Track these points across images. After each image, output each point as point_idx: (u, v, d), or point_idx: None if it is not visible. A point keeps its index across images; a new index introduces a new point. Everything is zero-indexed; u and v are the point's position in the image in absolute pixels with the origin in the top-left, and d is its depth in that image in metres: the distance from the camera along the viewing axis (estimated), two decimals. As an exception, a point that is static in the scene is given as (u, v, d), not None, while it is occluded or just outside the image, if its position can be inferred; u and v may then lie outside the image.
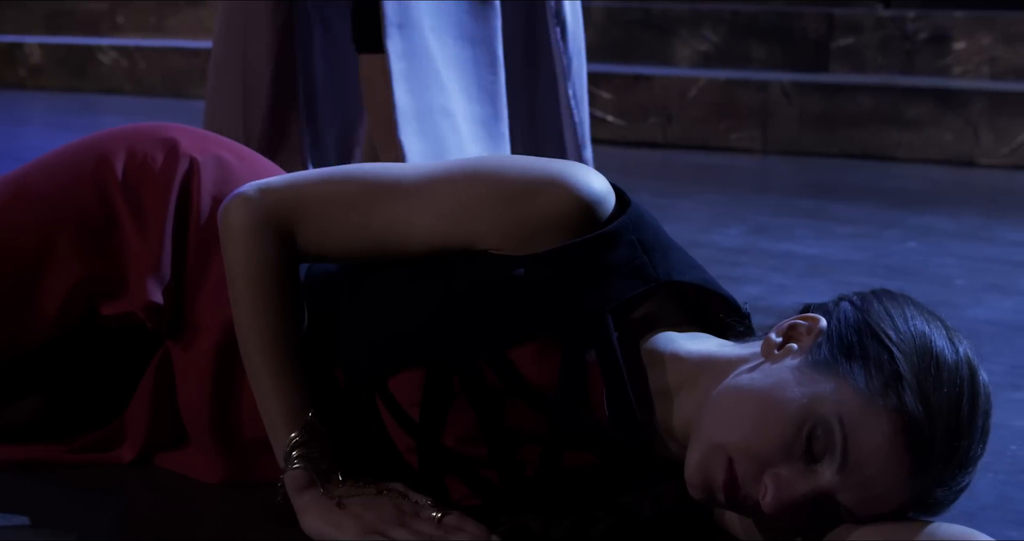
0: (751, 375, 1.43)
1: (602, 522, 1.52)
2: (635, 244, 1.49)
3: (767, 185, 4.91)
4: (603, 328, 1.46)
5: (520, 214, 1.47)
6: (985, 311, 2.84)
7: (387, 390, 1.50)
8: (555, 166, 1.50)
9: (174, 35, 7.84)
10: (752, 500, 1.39)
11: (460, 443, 1.49)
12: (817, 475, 1.37)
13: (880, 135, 5.45)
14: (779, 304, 2.65)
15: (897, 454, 1.36)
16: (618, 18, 6.48)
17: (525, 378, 1.47)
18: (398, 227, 1.52)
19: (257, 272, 1.52)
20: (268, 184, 1.55)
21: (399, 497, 1.48)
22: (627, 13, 6.41)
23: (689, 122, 5.63)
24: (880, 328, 1.41)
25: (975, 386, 1.40)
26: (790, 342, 1.44)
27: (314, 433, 1.49)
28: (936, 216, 4.08)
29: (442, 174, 1.53)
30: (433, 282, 1.51)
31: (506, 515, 1.51)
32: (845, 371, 1.38)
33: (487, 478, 1.51)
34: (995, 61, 5.94)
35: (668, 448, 1.50)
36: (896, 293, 1.48)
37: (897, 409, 1.36)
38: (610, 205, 1.49)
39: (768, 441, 1.37)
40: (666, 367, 1.49)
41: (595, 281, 1.47)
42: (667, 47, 6.32)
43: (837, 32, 6.16)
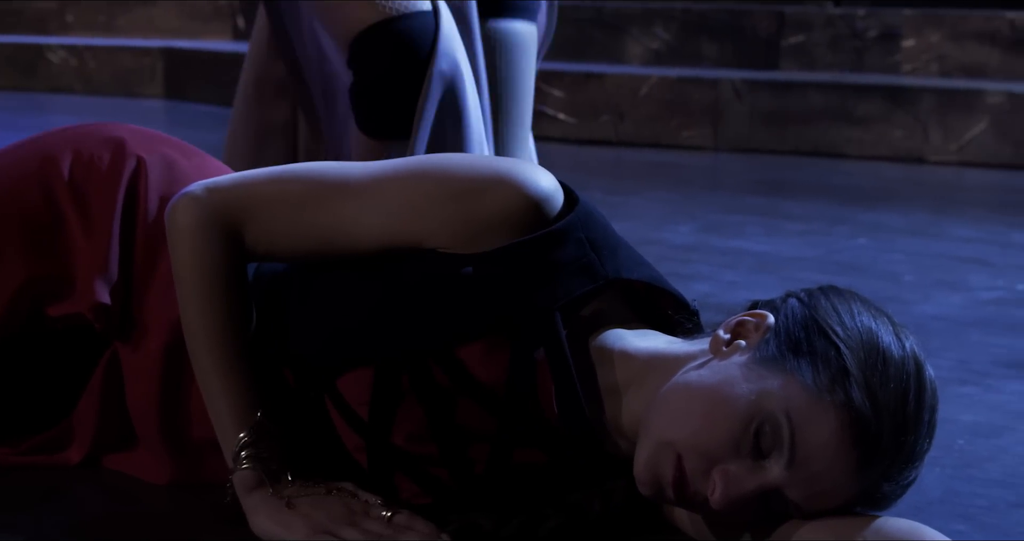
0: (699, 372, 1.43)
1: (552, 520, 1.53)
2: (583, 242, 1.49)
3: (718, 182, 4.93)
4: (552, 326, 1.46)
5: (468, 212, 1.47)
6: (933, 307, 2.86)
7: (336, 389, 1.50)
8: (503, 164, 1.50)
9: (124, 34, 7.80)
10: (701, 496, 1.40)
11: (409, 442, 1.49)
12: (765, 471, 1.38)
13: (830, 132, 5.48)
14: (729, 301, 2.66)
15: (844, 449, 1.37)
16: (569, 16, 6.47)
17: (474, 376, 1.47)
18: (346, 226, 1.51)
19: (204, 272, 1.51)
20: (215, 183, 1.55)
21: (349, 496, 1.48)
22: (579, 11, 6.42)
23: (641, 120, 5.64)
24: (827, 324, 1.41)
25: (921, 381, 1.41)
26: (738, 339, 1.45)
27: (263, 433, 1.49)
28: (886, 213, 4.11)
29: (390, 173, 1.52)
30: (381, 281, 1.51)
31: (456, 513, 1.51)
32: (792, 367, 1.39)
33: (437, 477, 1.50)
34: (944, 59, 5.98)
35: (617, 445, 1.51)
36: (843, 289, 1.49)
37: (844, 405, 1.37)
38: (558, 203, 1.49)
39: (716, 437, 1.38)
40: (615, 365, 1.50)
41: (544, 279, 1.47)
42: (619, 45, 6.33)
43: (787, 30, 6.19)
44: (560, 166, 4.91)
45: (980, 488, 1.79)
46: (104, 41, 7.41)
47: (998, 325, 2.71)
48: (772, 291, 1.53)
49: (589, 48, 6.31)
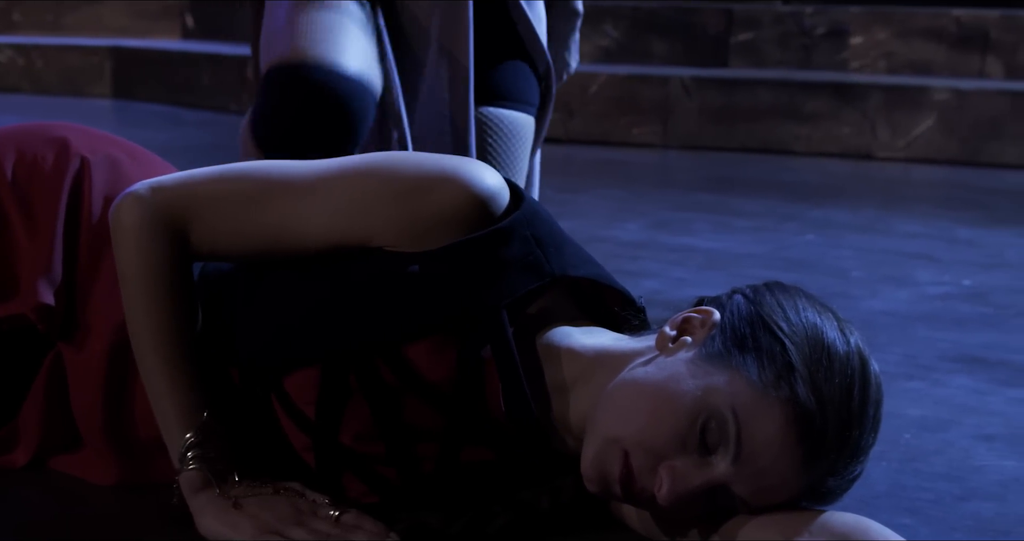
0: (645, 368, 1.44)
1: (500, 517, 1.53)
2: (529, 239, 1.49)
3: (667, 180, 4.95)
4: (498, 324, 1.46)
5: (414, 210, 1.47)
6: (880, 302, 2.88)
7: (282, 389, 1.49)
8: (449, 162, 1.50)
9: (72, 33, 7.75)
10: (648, 493, 1.40)
11: (357, 441, 1.49)
12: (711, 467, 1.39)
13: (779, 129, 5.51)
14: (678, 298, 2.66)
15: (790, 445, 1.37)
16: (519, 14, 6.48)
17: (421, 375, 1.46)
18: (292, 225, 1.51)
19: (149, 272, 1.50)
20: (160, 183, 1.54)
21: (296, 496, 1.47)
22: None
23: (590, 117, 5.66)
24: (772, 320, 1.42)
25: (866, 376, 1.41)
26: (684, 335, 1.46)
27: (209, 433, 1.48)
28: (834, 209, 4.13)
29: (336, 171, 1.52)
30: (328, 280, 1.50)
31: (404, 512, 1.50)
32: (738, 363, 1.40)
33: (385, 475, 1.50)
34: (891, 56, 6.02)
35: (565, 442, 1.51)
36: (788, 285, 1.50)
37: (789, 400, 1.37)
38: (504, 201, 1.49)
39: (662, 434, 1.38)
40: (562, 362, 1.50)
41: (490, 277, 1.47)
42: (568, 43, 6.34)
43: (736, 27, 6.22)
44: (510, 164, 4.90)
45: (926, 482, 1.80)
46: (52, 40, 7.36)
47: (944, 320, 2.73)
48: (721, 288, 1.54)
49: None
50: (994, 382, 2.29)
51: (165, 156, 1.88)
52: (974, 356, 2.46)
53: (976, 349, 2.51)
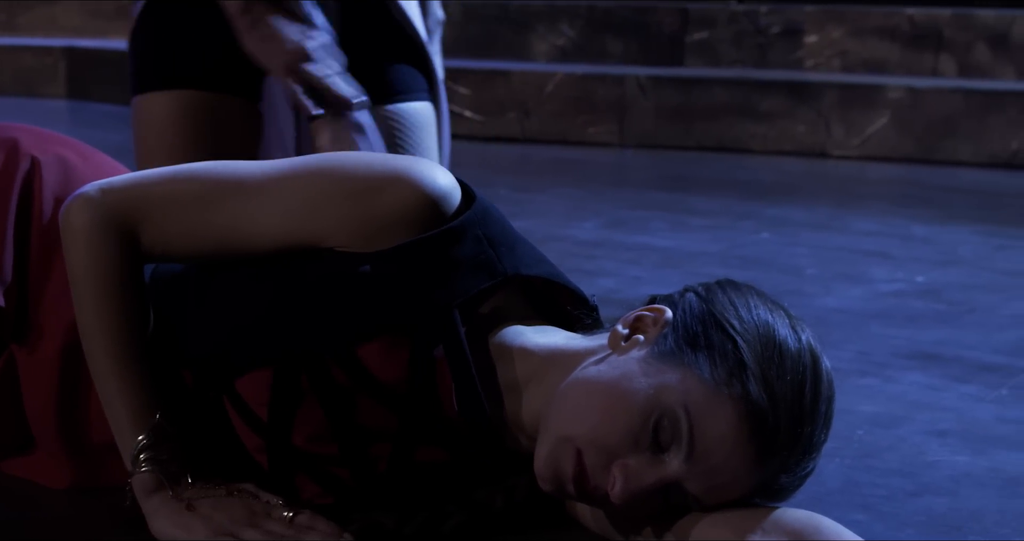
0: (598, 367, 1.44)
1: (455, 517, 1.53)
2: (481, 239, 1.49)
3: (624, 178, 4.95)
4: (451, 323, 1.46)
5: (365, 211, 1.47)
6: (835, 300, 2.89)
7: (235, 390, 1.49)
8: (400, 162, 1.49)
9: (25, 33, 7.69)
10: (601, 491, 1.41)
11: (310, 442, 1.49)
12: (664, 465, 1.39)
13: (734, 128, 5.52)
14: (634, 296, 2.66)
15: (742, 442, 1.38)
16: (475, 14, 6.48)
17: (374, 375, 1.46)
18: (243, 225, 1.50)
19: (100, 273, 1.49)
20: (110, 183, 1.53)
21: (250, 497, 1.47)
22: (484, 8, 6.42)
23: (546, 117, 5.66)
24: (724, 318, 1.42)
25: (817, 373, 1.42)
26: (636, 334, 1.46)
27: (162, 435, 1.47)
28: (789, 207, 4.15)
29: (287, 171, 1.52)
30: (280, 281, 1.50)
31: (358, 513, 1.50)
32: (690, 361, 1.40)
33: (338, 476, 1.50)
34: (846, 54, 6.05)
35: (519, 442, 1.51)
36: (740, 283, 1.50)
37: (741, 398, 1.38)
38: (455, 200, 1.49)
39: (615, 432, 1.39)
40: (515, 361, 1.50)
41: (442, 277, 1.47)
42: (524, 42, 6.35)
43: (691, 27, 6.23)
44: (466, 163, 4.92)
45: (879, 478, 1.81)
46: (5, 40, 7.31)
47: (898, 317, 2.75)
48: (676, 286, 1.54)
49: (495, 45, 6.31)
50: (947, 378, 2.31)
51: (120, 157, 1.88)
52: (927, 352, 2.47)
53: (929, 346, 2.52)
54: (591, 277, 2.96)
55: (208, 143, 2.43)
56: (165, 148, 2.45)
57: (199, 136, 2.44)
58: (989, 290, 3.04)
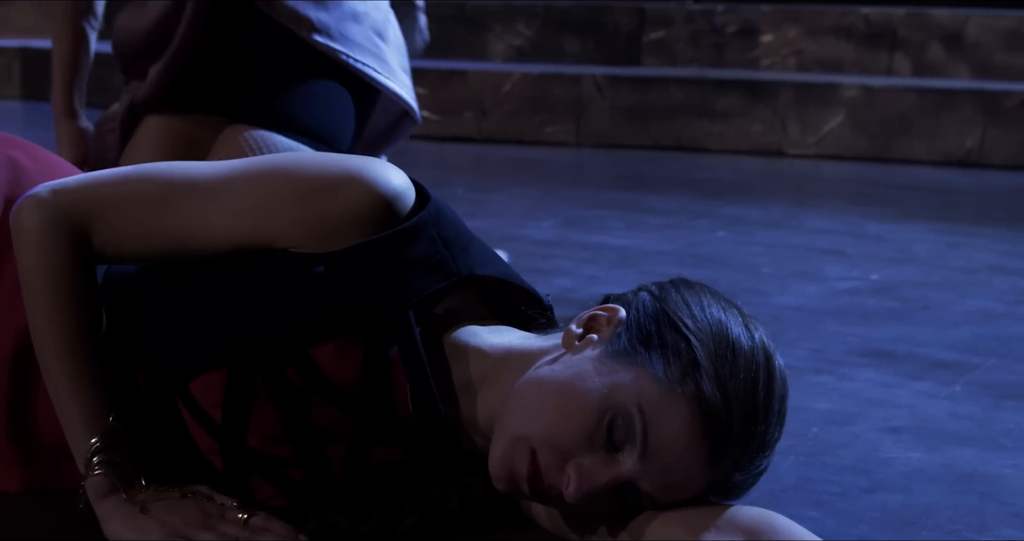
0: (552, 367, 1.44)
1: (410, 517, 1.53)
2: (435, 239, 1.49)
3: (581, 178, 4.96)
4: (405, 324, 1.46)
5: (319, 211, 1.46)
6: (790, 298, 2.90)
7: (188, 392, 1.48)
8: (354, 162, 1.49)
9: (-22, 34, 7.64)
10: (556, 491, 1.41)
11: (264, 443, 1.48)
12: (618, 464, 1.39)
13: (691, 127, 5.54)
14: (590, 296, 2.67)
15: (696, 440, 1.38)
16: (432, 14, 6.46)
17: (328, 376, 1.46)
18: (196, 226, 1.50)
19: (52, 275, 1.48)
20: (62, 185, 1.52)
21: (204, 499, 1.46)
22: (441, 8, 6.41)
23: (503, 116, 5.66)
24: (677, 317, 1.43)
25: (771, 371, 1.43)
26: (590, 333, 1.46)
27: (115, 438, 1.47)
28: (745, 206, 4.16)
29: (241, 172, 1.51)
30: (233, 282, 1.49)
31: (313, 513, 1.50)
32: (644, 360, 1.40)
33: (293, 477, 1.50)
34: (801, 53, 6.08)
35: (473, 441, 1.51)
36: (694, 282, 1.51)
37: (695, 396, 1.38)
38: (410, 200, 1.49)
39: (569, 432, 1.39)
40: (469, 361, 1.50)
41: (396, 277, 1.47)
42: (481, 42, 6.35)
43: (648, 26, 6.25)
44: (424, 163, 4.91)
45: (833, 474, 1.82)
46: (-42, 41, 7.25)
47: (853, 315, 2.76)
48: (633, 285, 1.55)
49: (452, 45, 6.31)
50: (901, 375, 2.32)
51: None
52: (881, 350, 2.49)
53: (883, 343, 2.54)
54: (547, 276, 2.96)
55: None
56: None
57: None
58: (943, 288, 3.06)
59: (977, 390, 2.25)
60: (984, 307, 2.88)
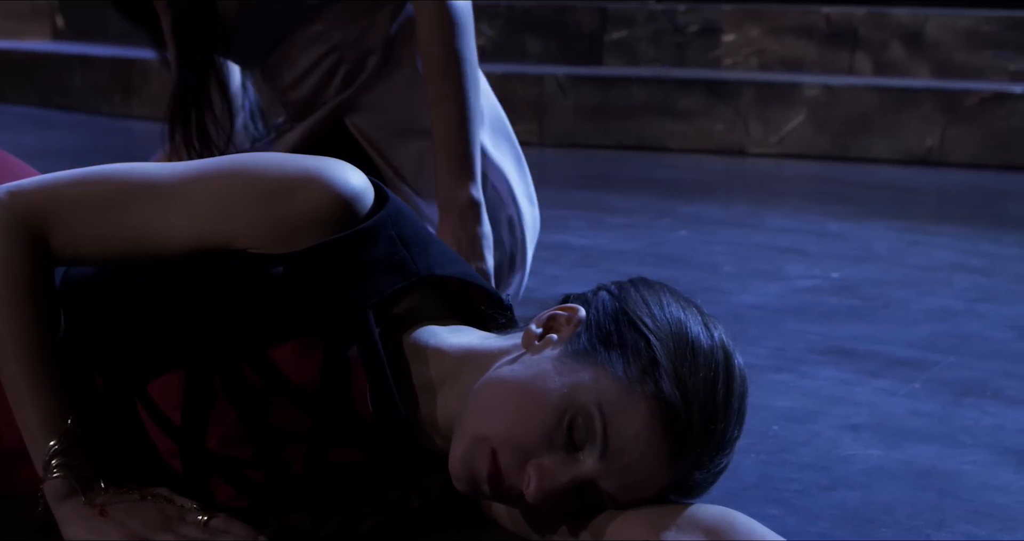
0: (512, 367, 1.44)
1: (370, 518, 1.53)
2: (394, 239, 1.49)
3: (544, 177, 4.95)
4: (364, 324, 1.46)
5: (277, 212, 1.46)
6: (751, 296, 2.91)
7: (147, 394, 1.48)
8: (312, 163, 1.49)
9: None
10: (516, 491, 1.41)
11: (224, 444, 1.48)
12: (579, 463, 1.39)
13: (653, 126, 5.55)
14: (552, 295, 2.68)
15: (655, 439, 1.38)
16: (395, 13, 6.47)
17: (287, 376, 1.46)
18: (154, 227, 1.49)
19: (9, 277, 1.47)
20: (19, 186, 1.51)
21: (164, 502, 1.46)
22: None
23: (467, 116, 5.65)
24: (637, 316, 1.43)
25: (730, 370, 1.43)
26: (550, 333, 1.46)
27: (74, 440, 1.46)
28: (707, 205, 4.18)
29: (198, 173, 1.51)
30: (192, 283, 1.49)
31: (273, 515, 1.50)
32: (603, 360, 1.41)
33: (253, 479, 1.49)
34: (763, 53, 6.10)
35: (434, 442, 1.51)
36: (653, 281, 1.51)
37: (655, 395, 1.38)
38: (368, 201, 1.49)
39: (530, 431, 1.39)
40: (429, 361, 1.50)
41: (355, 277, 1.47)
42: (444, 42, 6.34)
43: (610, 26, 6.26)
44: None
45: (793, 472, 1.83)
46: (-84, 42, 7.21)
47: (813, 313, 2.77)
48: (594, 285, 1.55)
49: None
50: (861, 373, 2.33)
51: (35, 159, 1.86)
52: (842, 348, 2.50)
53: (844, 341, 2.55)
54: (510, 276, 2.96)
55: None
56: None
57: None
58: (903, 285, 3.07)
59: (936, 387, 2.27)
60: (944, 305, 2.90)
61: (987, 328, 2.71)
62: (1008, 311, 2.87)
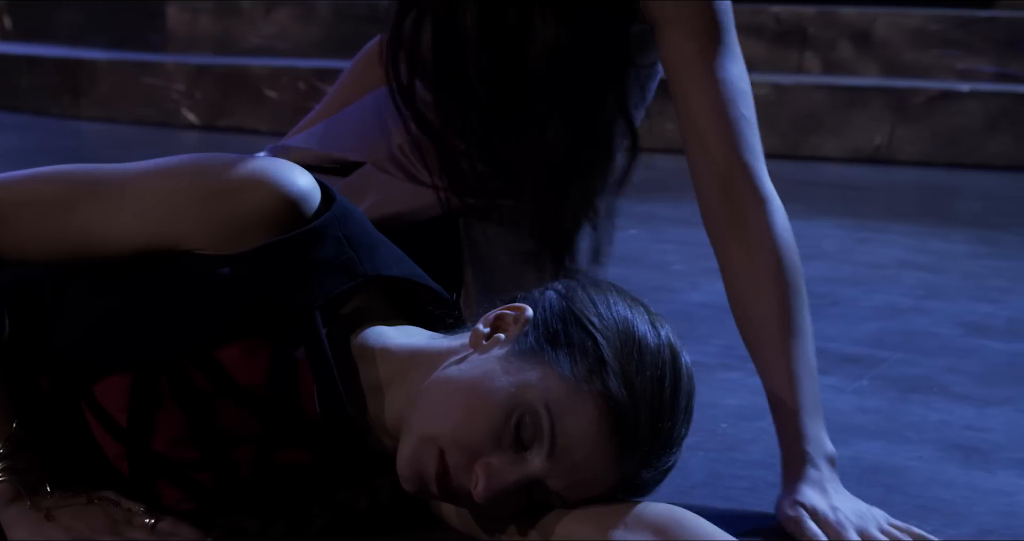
0: (459, 366, 1.44)
1: (319, 519, 1.52)
2: (342, 240, 1.49)
3: (495, 177, 4.95)
4: (311, 325, 1.45)
5: (224, 212, 1.45)
6: (701, 294, 2.92)
7: (93, 396, 1.47)
8: (259, 164, 1.48)
9: None
10: (464, 490, 1.41)
11: (171, 446, 1.47)
12: (527, 463, 1.40)
13: (604, 126, 5.56)
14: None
15: (603, 438, 1.39)
16: (346, 13, 6.46)
17: (234, 378, 1.45)
18: (99, 228, 1.48)
19: (-48, 280, 1.47)
20: (-38, 188, 1.50)
21: (110, 505, 1.45)
22: (354, 8, 6.40)
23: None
24: (584, 315, 1.44)
25: (677, 368, 1.44)
26: (497, 332, 1.46)
27: (19, 444, 1.45)
28: (658, 204, 4.19)
29: (143, 174, 1.50)
30: (137, 284, 1.48)
31: (221, 517, 1.49)
32: (551, 359, 1.41)
33: (200, 481, 1.49)
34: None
35: (382, 442, 1.51)
36: (600, 280, 1.52)
37: (602, 394, 1.39)
38: (315, 201, 1.48)
39: (477, 431, 1.39)
40: (376, 362, 1.50)
41: (302, 278, 1.46)
42: (394, 42, 6.33)
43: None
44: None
45: (742, 470, 1.84)
46: None
47: (762, 311, 2.78)
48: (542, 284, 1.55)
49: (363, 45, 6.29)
50: (809, 370, 2.34)
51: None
52: (790, 345, 2.50)
53: (792, 338, 2.55)
54: (460, 276, 2.95)
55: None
56: None
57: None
58: (851, 283, 3.09)
59: (884, 384, 2.28)
60: (891, 302, 2.92)
61: (934, 325, 2.73)
62: (955, 308, 2.89)
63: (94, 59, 6.52)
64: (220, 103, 6.16)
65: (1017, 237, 3.82)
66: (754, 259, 1.86)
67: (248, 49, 6.72)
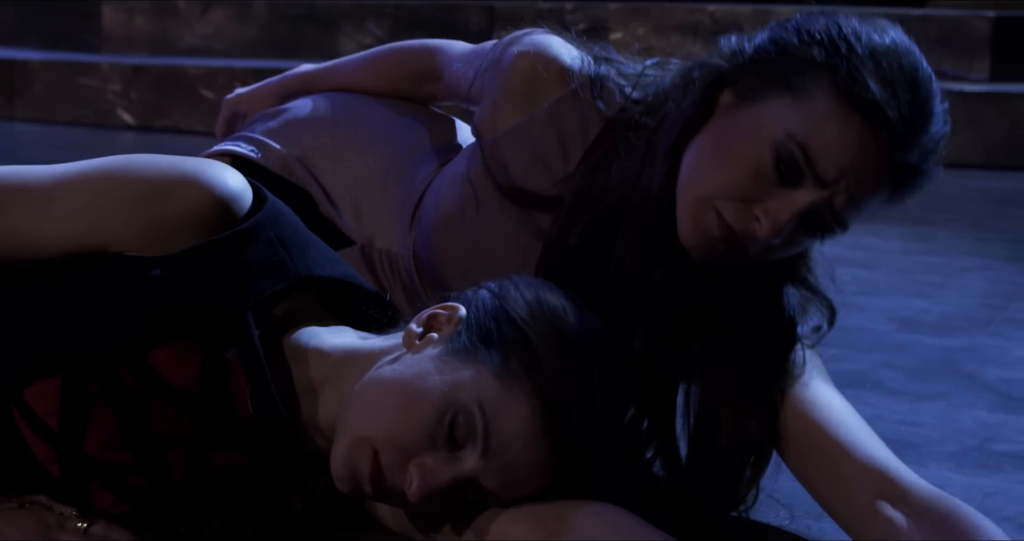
0: (393, 367, 1.44)
1: (253, 521, 1.52)
2: (273, 240, 1.48)
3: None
4: (243, 326, 1.45)
5: (154, 214, 1.44)
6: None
7: (23, 400, 1.45)
8: (189, 164, 1.47)
9: None
10: (399, 490, 1.41)
11: (103, 450, 1.46)
12: (461, 462, 1.40)
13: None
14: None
15: (536, 436, 1.39)
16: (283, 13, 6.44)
17: (166, 380, 1.44)
18: (28, 231, 1.47)
19: None
20: None
21: (42, 510, 1.44)
22: (291, 8, 6.38)
23: (355, 116, 5.64)
24: (516, 314, 1.44)
25: (608, 363, 1.44)
26: (431, 332, 1.47)
27: (-51, 450, 1.44)
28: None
29: (73, 175, 1.49)
30: (68, 286, 1.47)
31: (155, 520, 1.48)
32: (483, 357, 1.41)
33: (133, 484, 1.48)
34: (650, 50, 6.13)
35: (316, 443, 1.50)
36: (533, 279, 1.52)
37: (534, 392, 1.39)
38: (246, 202, 1.48)
39: (411, 431, 1.39)
40: (309, 363, 1.50)
41: (234, 279, 1.46)
42: (332, 41, 6.32)
43: (498, 25, 6.27)
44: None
45: (677, 467, 1.84)
46: None
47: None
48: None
49: (302, 44, 6.28)
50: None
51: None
52: (726, 342, 2.51)
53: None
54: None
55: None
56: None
57: None
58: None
59: (818, 380, 2.29)
60: (826, 298, 2.93)
61: (868, 321, 2.75)
62: (889, 304, 2.92)
63: (28, 59, 6.46)
64: (156, 103, 6.12)
65: (951, 233, 3.85)
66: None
67: (184, 49, 6.68)
